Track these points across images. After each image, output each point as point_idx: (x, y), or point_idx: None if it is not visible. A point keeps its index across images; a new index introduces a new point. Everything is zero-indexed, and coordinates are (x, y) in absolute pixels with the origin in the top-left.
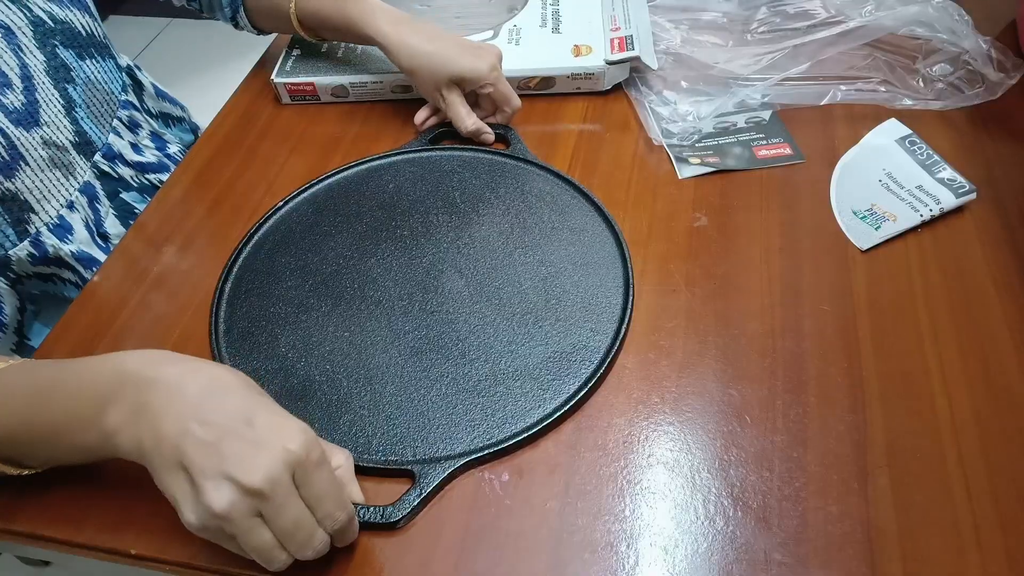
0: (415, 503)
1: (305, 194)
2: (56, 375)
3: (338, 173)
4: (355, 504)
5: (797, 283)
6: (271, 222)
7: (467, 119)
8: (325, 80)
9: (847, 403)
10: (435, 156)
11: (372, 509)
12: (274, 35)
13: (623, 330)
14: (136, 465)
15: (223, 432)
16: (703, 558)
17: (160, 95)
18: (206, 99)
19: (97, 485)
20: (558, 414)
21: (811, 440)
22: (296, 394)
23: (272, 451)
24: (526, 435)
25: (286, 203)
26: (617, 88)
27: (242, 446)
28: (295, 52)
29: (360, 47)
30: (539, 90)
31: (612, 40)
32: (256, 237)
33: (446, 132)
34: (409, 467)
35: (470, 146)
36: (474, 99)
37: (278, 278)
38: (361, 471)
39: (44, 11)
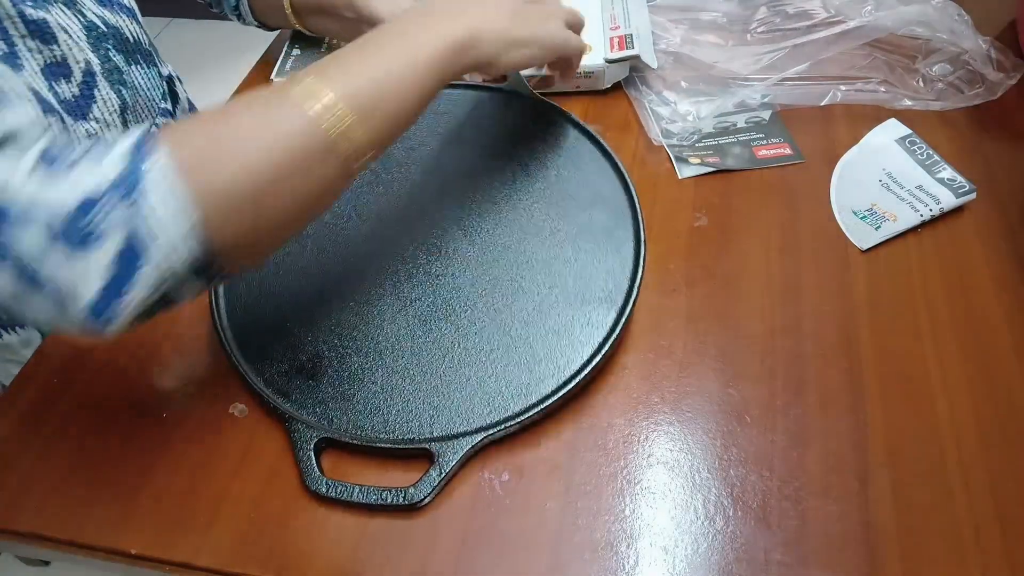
0: (436, 483)
1: None
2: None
3: None
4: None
5: (797, 283)
6: None
7: None
8: None
9: (847, 403)
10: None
11: (394, 491)
12: (275, 34)
13: (636, 287)
14: (135, 465)
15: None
16: (703, 558)
17: (193, 111)
18: (206, 99)
19: (97, 485)
20: (574, 383)
21: (811, 440)
22: (306, 372)
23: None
24: (543, 407)
25: None
26: (617, 88)
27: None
28: (295, 52)
29: None
30: (538, 89)
31: (612, 39)
32: None
33: None
34: (427, 446)
35: (464, 83)
36: None
37: None
38: (378, 452)
39: (97, 16)
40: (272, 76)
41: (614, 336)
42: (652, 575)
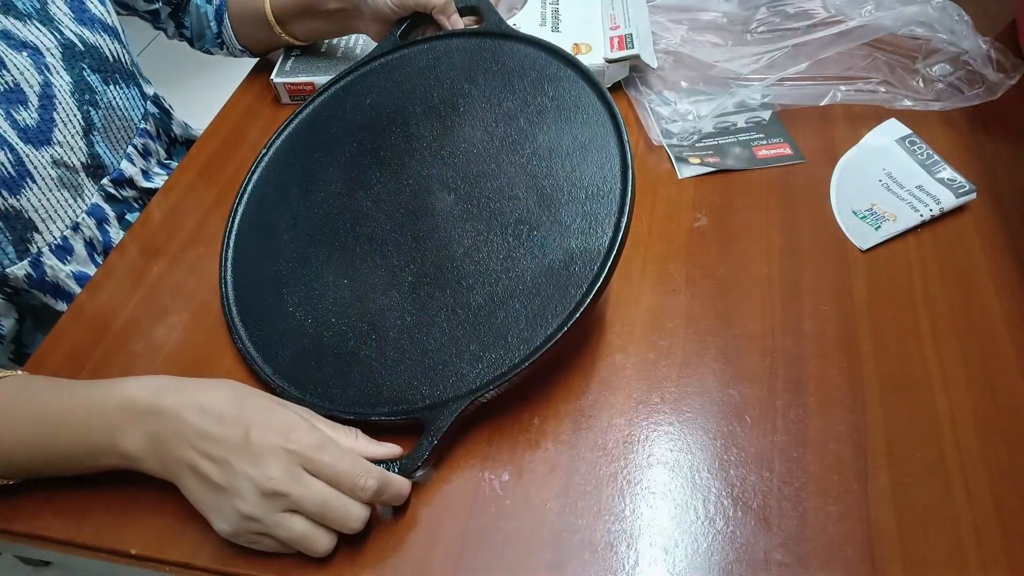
0: (428, 451)
1: (287, 131)
2: (62, 402)
3: (315, 100)
4: (381, 462)
5: (797, 283)
6: (259, 171)
7: None
8: (325, 80)
9: (847, 403)
10: (408, 53)
11: (387, 464)
12: None
13: (624, 224)
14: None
15: (228, 449)
16: (703, 558)
17: (186, 125)
18: (205, 100)
19: (97, 485)
20: (561, 333)
21: (811, 440)
22: (310, 354)
23: (274, 455)
24: (530, 361)
25: (268, 148)
26: (617, 88)
27: (248, 458)
28: (295, 52)
29: (359, 47)
30: None
31: (612, 38)
32: (248, 190)
33: (416, 23)
34: (417, 415)
35: (443, 33)
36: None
37: (275, 232)
38: (374, 427)
39: (75, 34)
40: (272, 77)
41: (603, 276)
42: (652, 575)
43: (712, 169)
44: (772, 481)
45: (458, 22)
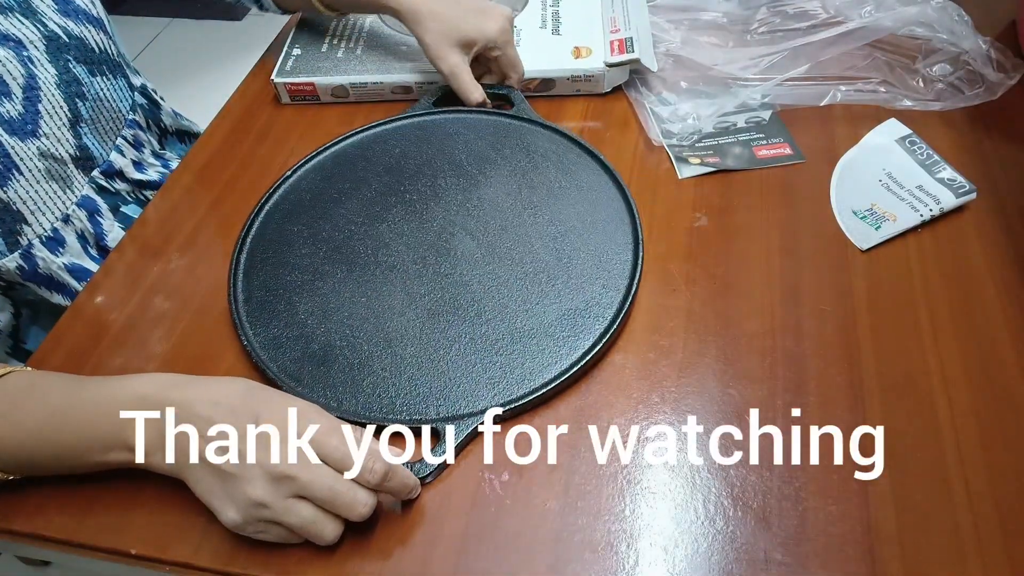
0: (441, 458)
1: (312, 162)
2: (70, 397)
3: (343, 140)
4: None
5: (797, 283)
6: (280, 192)
7: (474, 91)
8: (325, 80)
9: (847, 403)
10: (439, 119)
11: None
12: (275, 33)
13: (634, 285)
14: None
15: (238, 437)
16: (703, 558)
17: (176, 115)
18: (206, 100)
19: (97, 485)
20: (574, 370)
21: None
22: (317, 359)
23: (282, 440)
24: (545, 391)
25: (293, 172)
26: (617, 88)
27: (258, 444)
28: (295, 52)
29: (360, 48)
30: (539, 92)
31: (612, 42)
32: (267, 207)
33: (450, 93)
34: (433, 424)
35: (474, 108)
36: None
37: (291, 246)
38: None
39: (59, 26)
40: (272, 76)
41: (613, 328)
42: (652, 575)
43: (712, 169)
44: (772, 481)
45: (487, 103)
